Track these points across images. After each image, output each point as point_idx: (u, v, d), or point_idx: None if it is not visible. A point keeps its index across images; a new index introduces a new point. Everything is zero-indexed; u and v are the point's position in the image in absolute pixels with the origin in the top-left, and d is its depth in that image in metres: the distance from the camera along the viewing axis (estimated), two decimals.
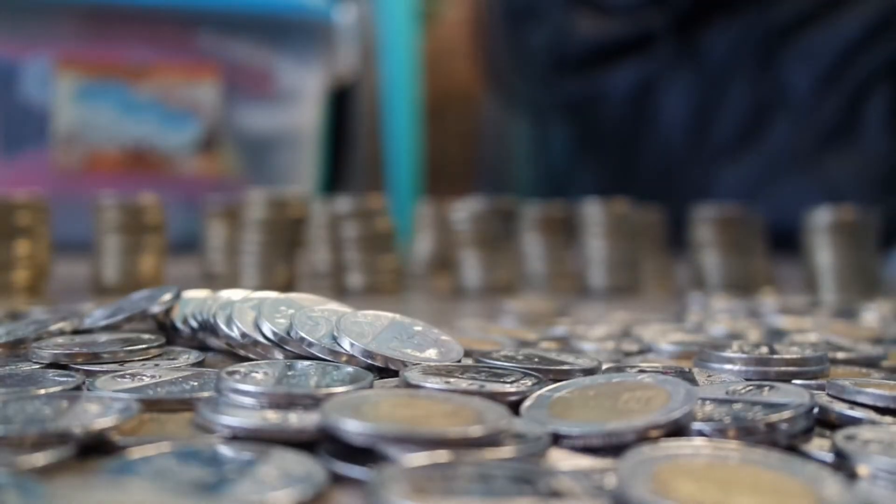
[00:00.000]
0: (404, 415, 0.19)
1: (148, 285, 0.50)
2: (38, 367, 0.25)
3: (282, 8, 0.89)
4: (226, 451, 0.17)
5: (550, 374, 0.24)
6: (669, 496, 0.15)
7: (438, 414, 0.19)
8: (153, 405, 0.20)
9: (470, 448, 0.17)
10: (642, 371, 0.26)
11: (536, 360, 0.26)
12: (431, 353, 0.25)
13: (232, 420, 0.19)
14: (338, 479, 0.17)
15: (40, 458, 0.17)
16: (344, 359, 0.24)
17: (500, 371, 0.24)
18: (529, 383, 0.22)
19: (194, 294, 0.30)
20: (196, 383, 0.22)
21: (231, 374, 0.21)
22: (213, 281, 0.60)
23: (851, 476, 0.17)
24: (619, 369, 0.26)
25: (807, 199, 0.68)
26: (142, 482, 0.15)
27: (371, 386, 0.22)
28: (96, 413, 0.18)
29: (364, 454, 0.17)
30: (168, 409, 0.21)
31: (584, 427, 0.19)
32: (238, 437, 0.18)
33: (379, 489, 0.15)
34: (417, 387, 0.22)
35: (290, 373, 0.22)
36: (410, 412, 0.19)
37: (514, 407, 0.21)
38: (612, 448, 0.18)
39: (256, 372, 0.22)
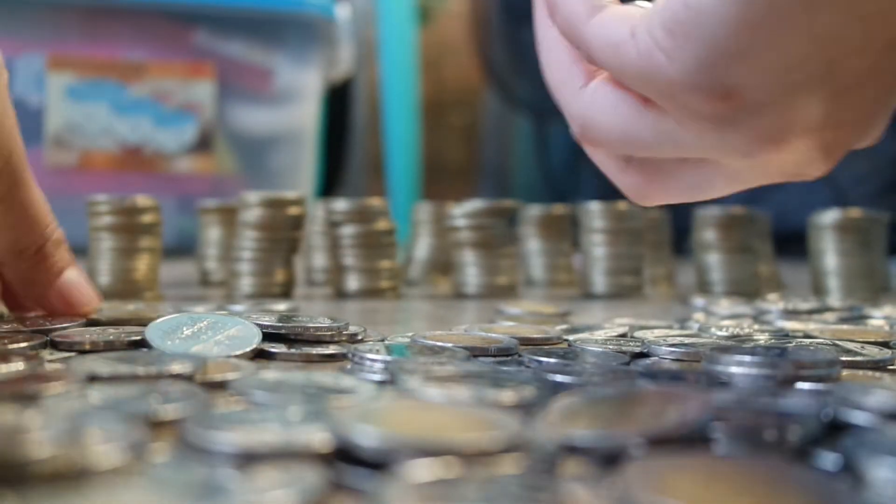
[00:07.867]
0: (416, 425, 0.19)
1: (143, 288, 0.50)
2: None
3: (279, 5, 0.88)
4: (224, 456, 0.17)
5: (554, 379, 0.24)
6: (673, 499, 0.15)
7: (450, 424, 0.19)
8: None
9: (482, 458, 0.17)
10: (648, 374, 0.25)
11: (539, 364, 0.26)
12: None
13: (230, 437, 0.18)
14: (337, 485, 0.17)
15: None
16: None
17: (500, 378, 0.23)
18: (529, 391, 0.22)
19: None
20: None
21: None
22: (209, 285, 0.59)
23: (858, 481, 0.17)
24: (623, 373, 0.26)
25: (813, 200, 0.67)
26: (140, 485, 0.15)
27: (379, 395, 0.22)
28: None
29: (369, 461, 0.17)
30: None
31: (596, 436, 0.18)
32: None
33: (383, 501, 0.15)
34: (418, 394, 0.22)
35: None
36: (422, 423, 0.19)
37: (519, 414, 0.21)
38: (624, 457, 0.18)
39: None
